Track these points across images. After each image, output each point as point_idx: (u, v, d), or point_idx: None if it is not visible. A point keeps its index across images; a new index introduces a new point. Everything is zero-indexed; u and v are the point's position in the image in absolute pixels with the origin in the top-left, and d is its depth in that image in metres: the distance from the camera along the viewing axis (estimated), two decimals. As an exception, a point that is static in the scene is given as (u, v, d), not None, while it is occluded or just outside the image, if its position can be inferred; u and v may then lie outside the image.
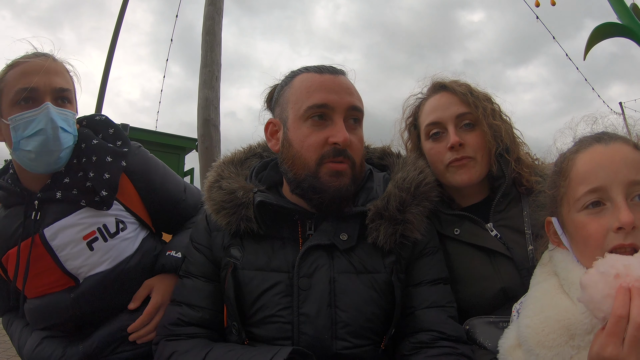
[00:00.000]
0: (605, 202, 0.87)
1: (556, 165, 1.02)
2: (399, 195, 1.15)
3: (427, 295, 1.15)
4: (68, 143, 1.26)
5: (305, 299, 1.07)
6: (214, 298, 1.19)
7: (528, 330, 0.90)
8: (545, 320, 0.88)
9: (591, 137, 0.96)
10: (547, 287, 0.96)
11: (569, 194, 0.93)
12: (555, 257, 0.99)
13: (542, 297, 0.94)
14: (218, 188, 1.22)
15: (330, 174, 1.11)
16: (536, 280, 1.02)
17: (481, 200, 1.39)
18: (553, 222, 0.98)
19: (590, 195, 0.88)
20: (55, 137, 1.21)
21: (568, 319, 0.85)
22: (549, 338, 0.86)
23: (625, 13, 4.09)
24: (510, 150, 1.35)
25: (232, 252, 1.16)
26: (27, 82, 1.20)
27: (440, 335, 1.09)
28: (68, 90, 1.29)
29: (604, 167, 0.88)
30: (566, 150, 1.01)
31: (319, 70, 1.20)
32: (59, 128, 1.21)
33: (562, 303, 0.89)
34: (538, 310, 0.91)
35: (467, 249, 1.29)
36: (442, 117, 1.35)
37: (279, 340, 1.06)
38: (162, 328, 1.19)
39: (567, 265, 0.93)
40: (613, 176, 0.86)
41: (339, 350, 1.04)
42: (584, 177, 0.90)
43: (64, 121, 1.24)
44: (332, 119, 1.14)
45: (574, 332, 0.84)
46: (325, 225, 1.15)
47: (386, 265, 1.13)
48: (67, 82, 1.30)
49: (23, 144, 1.21)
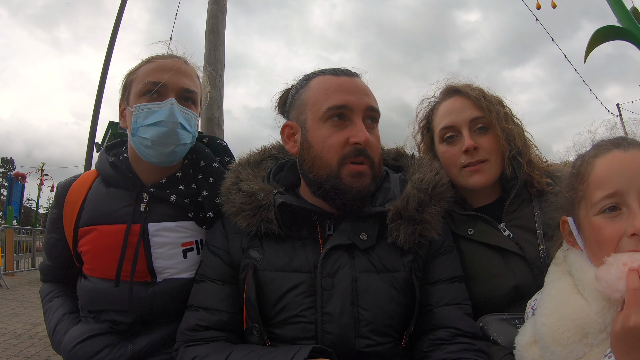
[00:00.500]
0: (621, 207, 0.89)
1: (574, 167, 1.03)
2: (418, 195, 1.18)
3: (444, 293, 1.18)
4: (185, 140, 1.31)
5: (328, 298, 1.08)
6: (232, 301, 1.18)
7: (544, 328, 0.93)
8: (561, 319, 0.91)
9: (610, 142, 0.98)
10: (562, 286, 0.98)
11: (587, 197, 0.95)
12: (570, 257, 1.01)
13: (558, 296, 0.97)
14: (237, 190, 1.23)
15: (352, 175, 1.13)
16: (551, 279, 1.05)
17: (493, 201, 1.42)
18: (569, 222, 1.00)
19: (607, 200, 0.90)
20: (173, 132, 1.27)
21: (582, 318, 0.88)
22: (564, 336, 0.89)
23: (625, 16, 4.14)
24: (522, 152, 1.39)
25: (251, 253, 1.17)
26: (157, 77, 1.28)
27: (457, 331, 1.12)
28: (194, 92, 1.35)
29: (622, 173, 0.90)
30: (584, 153, 1.03)
31: (335, 73, 1.22)
32: (178, 124, 1.27)
33: (576, 302, 0.92)
34: (554, 309, 0.94)
35: (480, 248, 1.33)
36: (456, 120, 1.38)
37: (302, 340, 1.07)
38: (180, 334, 1.18)
39: (581, 266, 0.96)
40: (630, 182, 0.88)
41: (362, 348, 1.06)
42: (601, 181, 0.92)
43: (184, 119, 1.30)
44: (352, 120, 1.16)
45: (588, 330, 0.87)
46: (345, 226, 1.17)
47: (405, 264, 1.15)
48: (195, 85, 1.37)
49: (141, 131, 1.27)
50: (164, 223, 1.31)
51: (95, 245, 1.30)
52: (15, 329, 5.19)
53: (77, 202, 1.34)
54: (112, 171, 1.35)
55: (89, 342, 1.27)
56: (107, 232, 1.29)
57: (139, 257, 1.27)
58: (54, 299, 1.43)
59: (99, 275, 1.30)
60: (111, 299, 1.28)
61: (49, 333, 1.38)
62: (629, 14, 4.16)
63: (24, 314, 6.13)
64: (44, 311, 1.46)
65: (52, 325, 1.37)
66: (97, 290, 1.29)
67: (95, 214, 1.32)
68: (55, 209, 1.38)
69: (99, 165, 1.41)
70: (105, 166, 1.37)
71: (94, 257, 1.30)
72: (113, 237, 1.28)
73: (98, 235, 1.30)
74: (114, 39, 7.64)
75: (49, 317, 1.41)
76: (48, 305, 1.44)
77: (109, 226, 1.29)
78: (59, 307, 1.40)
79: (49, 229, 1.42)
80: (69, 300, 1.43)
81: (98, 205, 1.33)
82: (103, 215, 1.31)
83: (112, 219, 1.30)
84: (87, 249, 1.31)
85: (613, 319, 0.85)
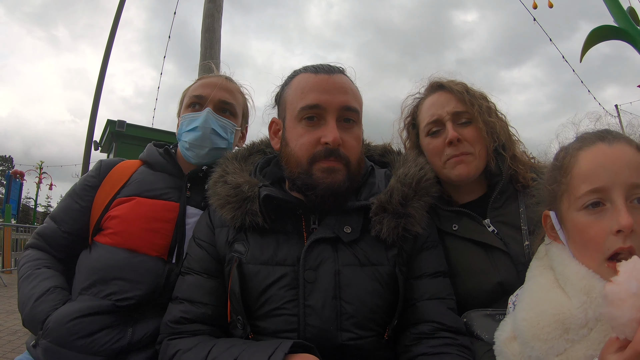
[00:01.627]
0: (605, 203, 0.87)
1: (557, 159, 1.01)
2: (402, 189, 1.18)
3: (427, 288, 1.18)
4: (219, 145, 1.50)
5: (311, 291, 1.08)
6: (216, 294, 1.19)
7: (524, 323, 0.92)
8: (541, 314, 0.90)
9: (594, 135, 0.96)
10: (542, 281, 0.97)
11: (570, 190, 0.93)
12: (552, 251, 1.00)
13: (538, 291, 0.95)
14: (223, 183, 1.24)
15: (323, 170, 1.14)
16: (532, 274, 1.03)
17: (478, 197, 1.42)
18: (551, 216, 0.99)
19: (591, 195, 0.88)
20: (207, 136, 1.47)
21: (563, 314, 0.86)
22: (544, 331, 0.87)
23: (621, 16, 4.14)
24: (506, 147, 1.39)
25: (236, 247, 1.18)
26: (199, 92, 1.52)
27: (440, 326, 1.12)
28: (231, 104, 1.55)
29: (606, 168, 0.88)
30: (568, 145, 1.00)
31: (315, 70, 1.22)
32: (211, 129, 1.48)
33: (557, 297, 0.90)
34: (534, 304, 0.93)
35: (465, 244, 1.33)
36: (439, 114, 1.39)
37: (285, 332, 1.07)
38: (164, 326, 1.18)
39: (563, 260, 0.94)
40: (615, 177, 0.86)
41: (344, 341, 1.06)
42: (586, 175, 0.90)
43: (219, 126, 1.50)
44: (325, 119, 1.16)
45: (568, 326, 0.85)
46: (329, 219, 1.17)
47: (389, 257, 1.15)
48: (234, 98, 1.57)
49: (184, 135, 1.50)
50: (199, 209, 1.44)
51: (130, 211, 1.37)
52: (12, 325, 5.20)
53: (121, 179, 1.47)
54: (161, 158, 1.53)
55: (88, 318, 1.21)
56: (146, 203, 1.40)
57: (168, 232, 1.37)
58: (42, 268, 1.35)
59: (121, 241, 1.33)
60: (128, 268, 1.29)
61: (27, 299, 1.26)
62: (626, 13, 4.16)
63: (21, 312, 6.12)
64: (23, 275, 1.33)
65: (36, 291, 1.26)
66: (113, 258, 1.31)
67: (139, 188, 1.44)
68: (95, 178, 1.49)
69: (147, 154, 1.57)
70: (154, 154, 1.54)
71: (124, 222, 1.36)
72: (150, 209, 1.39)
73: (136, 204, 1.39)
74: (112, 39, 7.64)
75: (32, 282, 1.30)
76: (35, 271, 1.33)
77: (149, 199, 1.41)
78: (49, 278, 1.32)
79: (74, 193, 1.48)
80: (61, 277, 1.36)
81: (143, 181, 1.46)
82: (146, 190, 1.43)
83: (154, 194, 1.42)
84: (119, 213, 1.38)
85: (594, 315, 0.83)
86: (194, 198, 1.46)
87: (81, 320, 1.20)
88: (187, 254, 1.29)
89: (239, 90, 1.61)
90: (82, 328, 1.19)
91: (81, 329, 1.19)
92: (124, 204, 1.40)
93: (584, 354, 0.83)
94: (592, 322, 0.84)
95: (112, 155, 7.80)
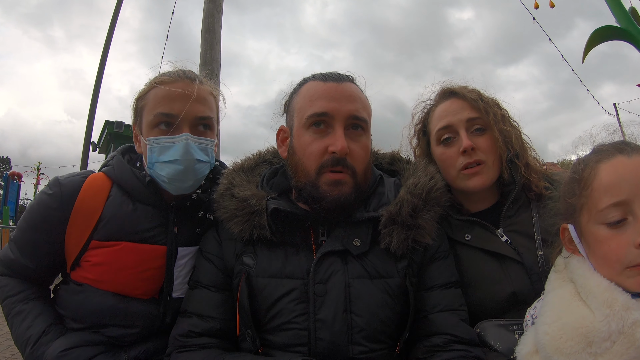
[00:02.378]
0: (627, 217, 0.87)
1: (575, 172, 1.00)
2: (412, 201, 1.16)
3: (439, 299, 1.16)
4: (203, 172, 1.28)
5: (321, 305, 1.07)
6: (225, 307, 1.17)
7: (546, 337, 0.91)
8: (563, 328, 0.88)
9: (612, 147, 0.95)
10: (563, 293, 0.96)
11: (590, 204, 0.92)
12: (572, 264, 0.99)
13: (559, 304, 0.94)
14: (230, 196, 1.22)
15: (329, 183, 1.13)
16: (551, 287, 1.02)
17: (491, 206, 1.40)
18: (570, 229, 0.98)
19: (614, 210, 0.87)
20: (189, 169, 1.23)
21: (586, 327, 0.85)
22: (567, 345, 0.86)
23: (623, 16, 4.13)
24: (519, 155, 1.37)
25: (244, 260, 1.16)
26: (167, 108, 1.21)
27: (453, 338, 1.11)
28: (209, 118, 1.28)
29: (628, 180, 0.87)
30: (586, 157, 1.00)
31: (324, 78, 1.21)
32: (194, 160, 1.22)
33: (579, 310, 0.89)
34: (556, 318, 0.92)
35: (478, 254, 1.31)
36: (453, 121, 1.37)
37: (295, 346, 1.06)
38: (173, 339, 1.17)
39: (584, 273, 0.93)
40: (636, 190, 0.86)
41: (355, 355, 1.05)
42: (607, 188, 0.89)
43: (201, 151, 1.25)
44: (333, 127, 1.15)
45: (592, 339, 0.84)
46: (338, 231, 1.16)
47: (399, 270, 1.14)
48: (211, 108, 1.30)
49: (157, 167, 1.23)
50: (189, 248, 1.30)
51: (115, 259, 1.22)
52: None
53: (94, 212, 1.24)
54: (141, 187, 1.27)
55: (82, 348, 1.19)
56: (132, 250, 1.23)
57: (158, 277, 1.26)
58: (30, 301, 1.26)
59: (108, 287, 1.23)
60: (120, 314, 1.22)
61: (25, 341, 1.21)
62: (628, 14, 4.16)
63: (20, 315, 6.08)
64: (12, 312, 1.25)
65: (33, 333, 1.21)
66: (103, 303, 1.22)
67: (120, 230, 1.23)
68: (58, 211, 1.22)
69: (119, 174, 1.30)
70: (130, 179, 1.28)
71: (110, 270, 1.22)
72: (137, 256, 1.23)
73: (121, 252, 1.22)
74: (109, 40, 7.59)
75: (25, 321, 1.23)
76: (23, 307, 1.25)
77: (134, 244, 1.23)
78: (41, 314, 1.24)
79: (36, 227, 1.25)
80: (50, 308, 1.28)
81: (125, 221, 1.24)
82: (131, 232, 1.24)
83: (140, 238, 1.24)
84: (102, 260, 1.22)
85: (617, 327, 0.82)
86: (182, 234, 1.30)
87: (75, 350, 1.18)
88: (195, 267, 1.27)
89: (210, 92, 1.33)
90: (77, 356, 1.17)
91: (77, 356, 1.17)
92: (108, 249, 1.22)
93: None
94: (615, 334, 0.83)
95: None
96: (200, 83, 1.29)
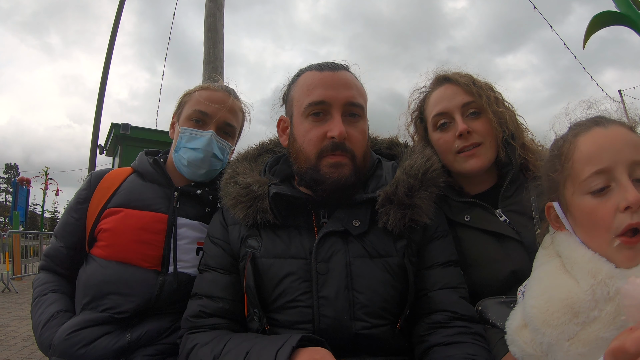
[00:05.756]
0: (610, 184, 0.87)
1: (554, 149, 1.01)
2: (407, 181, 1.20)
3: (439, 277, 1.19)
4: (215, 167, 1.51)
5: (323, 282, 1.11)
6: (233, 289, 1.22)
7: (533, 310, 0.92)
8: (550, 300, 0.90)
9: (589, 121, 0.97)
10: (549, 268, 0.97)
11: (574, 174, 0.93)
12: (557, 238, 1.00)
13: (546, 278, 0.96)
14: (234, 183, 1.27)
15: (330, 165, 1.17)
16: (539, 262, 1.04)
17: (490, 187, 1.43)
18: (555, 207, 0.99)
19: (597, 178, 0.88)
20: (207, 159, 1.47)
21: (571, 298, 0.87)
22: (554, 317, 0.88)
23: (623, 1, 4.10)
24: (515, 136, 1.39)
25: (250, 242, 1.21)
26: (205, 107, 1.48)
27: (454, 314, 1.13)
28: (234, 127, 1.55)
29: (607, 149, 0.89)
30: (564, 134, 1.01)
31: (320, 68, 1.26)
32: (212, 153, 1.47)
33: (565, 283, 0.91)
34: (542, 291, 0.94)
35: (478, 234, 1.33)
36: (448, 107, 1.39)
37: (300, 324, 1.10)
38: (185, 321, 1.22)
39: (569, 245, 0.95)
40: (617, 156, 0.87)
41: (358, 330, 1.08)
42: (589, 158, 0.90)
43: (219, 149, 1.49)
44: (331, 114, 1.19)
45: (578, 310, 0.85)
46: (338, 213, 1.20)
47: (398, 249, 1.17)
48: (237, 120, 1.56)
49: (182, 150, 1.48)
50: (189, 220, 1.44)
51: (119, 224, 1.38)
52: (25, 331, 5.26)
53: (111, 187, 1.47)
54: (151, 168, 1.51)
55: (86, 330, 1.28)
56: (135, 215, 1.40)
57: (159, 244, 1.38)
58: (48, 293, 1.44)
59: (112, 254, 1.36)
60: (120, 282, 1.33)
61: (36, 326, 1.36)
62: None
63: (34, 317, 6.20)
64: (33, 301, 1.44)
65: (42, 318, 1.36)
66: (106, 273, 1.34)
67: (127, 198, 1.44)
68: (86, 190, 1.49)
69: (138, 163, 1.55)
70: (145, 164, 1.53)
71: (114, 235, 1.37)
72: (139, 221, 1.39)
73: (125, 216, 1.39)
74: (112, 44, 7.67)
75: (39, 309, 1.39)
76: (41, 297, 1.43)
77: (138, 211, 1.41)
78: (54, 302, 1.40)
79: (70, 208, 1.50)
80: (65, 298, 1.43)
81: (132, 191, 1.45)
82: (135, 200, 1.43)
83: (143, 206, 1.42)
84: (110, 226, 1.39)
85: (603, 296, 0.83)
86: (183, 208, 1.46)
87: (81, 331, 1.28)
88: (204, 252, 1.32)
89: (241, 109, 1.60)
90: (82, 338, 1.27)
91: (82, 339, 1.27)
92: (114, 216, 1.40)
93: (596, 336, 0.83)
94: (602, 303, 0.84)
95: (118, 158, 7.84)
96: (235, 99, 1.55)
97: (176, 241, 1.40)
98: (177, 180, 1.52)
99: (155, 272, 1.37)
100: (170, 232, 1.40)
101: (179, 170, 1.51)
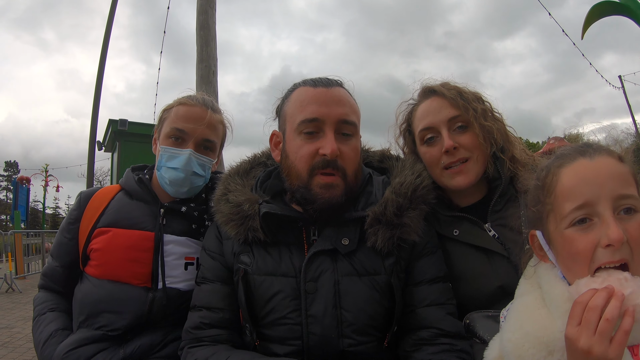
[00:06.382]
0: (592, 218, 0.84)
1: (539, 179, 0.98)
2: (396, 200, 1.20)
3: (426, 294, 1.20)
4: (197, 184, 1.52)
5: (312, 301, 1.13)
6: (231, 299, 1.24)
7: (509, 344, 0.91)
8: (526, 336, 0.88)
9: (574, 150, 0.93)
10: (529, 301, 0.96)
11: (555, 210, 0.90)
12: (540, 270, 0.98)
13: (524, 312, 0.94)
14: (225, 201, 1.29)
15: (321, 186, 1.17)
16: (520, 292, 1.02)
17: (479, 200, 1.42)
18: (538, 236, 0.96)
19: (578, 212, 0.85)
20: (187, 178, 1.47)
21: (547, 336, 0.86)
22: (529, 353, 0.86)
23: (622, -9, 4.04)
24: (504, 149, 1.38)
25: (242, 258, 1.23)
26: (182, 125, 1.48)
27: (439, 332, 1.15)
28: (213, 142, 1.54)
29: (590, 182, 0.85)
30: (548, 163, 0.97)
31: (314, 84, 1.25)
32: (192, 171, 1.47)
33: (542, 319, 0.89)
34: (519, 325, 0.92)
35: (466, 249, 1.34)
36: (434, 121, 1.38)
37: (289, 340, 1.13)
38: (185, 333, 1.24)
39: (550, 280, 0.93)
40: (599, 191, 0.84)
41: (346, 347, 1.11)
42: (569, 192, 0.87)
43: (199, 166, 1.49)
44: (324, 131, 1.19)
45: (553, 348, 0.84)
46: (328, 231, 1.20)
47: (386, 267, 1.18)
48: (217, 134, 1.56)
49: (164, 170, 1.49)
50: (175, 236, 1.47)
51: (108, 244, 1.42)
52: (29, 332, 5.31)
53: (99, 207, 1.51)
54: (137, 187, 1.53)
55: (82, 348, 1.33)
56: (123, 234, 1.43)
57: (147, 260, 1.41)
58: (47, 312, 1.48)
59: (104, 273, 1.40)
60: (113, 300, 1.37)
61: (37, 345, 1.42)
62: (626, -12, 4.07)
63: (38, 316, 6.25)
64: (34, 320, 1.50)
65: (42, 337, 1.42)
66: (99, 292, 1.38)
67: (115, 217, 1.47)
68: (76, 210, 1.53)
69: (125, 181, 1.58)
70: (131, 182, 1.55)
71: (105, 254, 1.41)
72: (127, 240, 1.42)
73: (113, 236, 1.43)
74: (107, 39, 7.60)
75: (39, 328, 1.45)
76: (41, 317, 1.48)
77: (126, 230, 1.44)
78: (52, 321, 1.45)
79: (63, 229, 1.55)
80: (63, 316, 1.47)
81: (120, 210, 1.49)
82: (122, 219, 1.46)
83: (130, 225, 1.45)
84: (100, 246, 1.42)
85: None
86: (169, 225, 1.48)
87: (77, 349, 1.33)
88: (201, 265, 1.35)
89: (221, 121, 1.59)
90: (79, 356, 1.32)
91: (78, 356, 1.32)
92: (103, 235, 1.44)
93: None
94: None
95: (117, 154, 7.83)
96: (213, 112, 1.53)
97: (164, 258, 1.43)
98: (163, 196, 1.54)
99: (146, 288, 1.39)
100: (158, 250, 1.42)
101: (162, 188, 1.53)
